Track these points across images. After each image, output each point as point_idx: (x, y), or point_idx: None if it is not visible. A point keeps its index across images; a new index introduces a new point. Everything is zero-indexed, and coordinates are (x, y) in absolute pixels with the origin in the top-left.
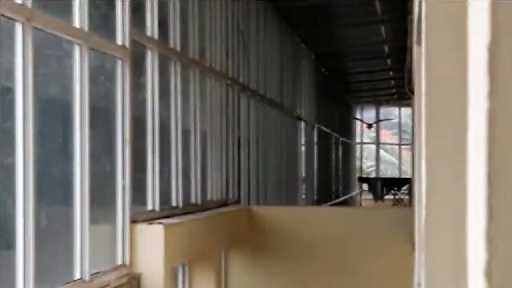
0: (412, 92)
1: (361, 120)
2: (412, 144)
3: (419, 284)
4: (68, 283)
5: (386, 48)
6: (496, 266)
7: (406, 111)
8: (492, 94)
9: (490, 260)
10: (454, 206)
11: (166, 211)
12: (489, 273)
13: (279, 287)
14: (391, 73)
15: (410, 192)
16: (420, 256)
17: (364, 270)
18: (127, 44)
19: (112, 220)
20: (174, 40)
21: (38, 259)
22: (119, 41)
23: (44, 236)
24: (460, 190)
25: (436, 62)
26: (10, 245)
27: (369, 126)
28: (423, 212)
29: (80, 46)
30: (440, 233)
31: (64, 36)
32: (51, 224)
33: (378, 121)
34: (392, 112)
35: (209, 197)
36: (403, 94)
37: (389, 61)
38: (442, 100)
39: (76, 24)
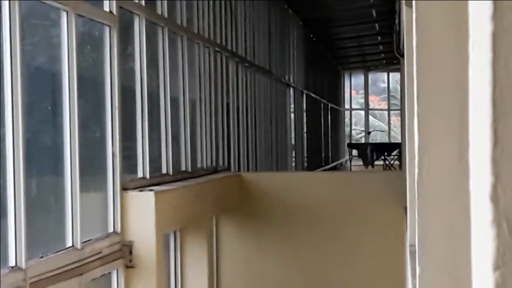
0: (401, 55)
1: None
2: (401, 109)
3: (412, 245)
4: (60, 251)
5: (373, 13)
6: (501, 189)
7: (394, 76)
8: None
9: (495, 183)
10: (447, 161)
11: (157, 179)
12: (495, 197)
13: (270, 252)
14: (379, 38)
15: (400, 157)
16: (412, 217)
17: (356, 234)
18: (114, 10)
19: (102, 188)
20: (162, 6)
21: (29, 228)
22: (106, 8)
23: (35, 205)
24: (455, 141)
25: (428, 21)
26: (1, 215)
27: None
28: (415, 170)
29: (68, 12)
30: (433, 190)
31: (51, 2)
32: (41, 193)
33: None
34: (380, 77)
35: (199, 164)
36: (391, 59)
37: (377, 25)
38: (434, 58)
39: None
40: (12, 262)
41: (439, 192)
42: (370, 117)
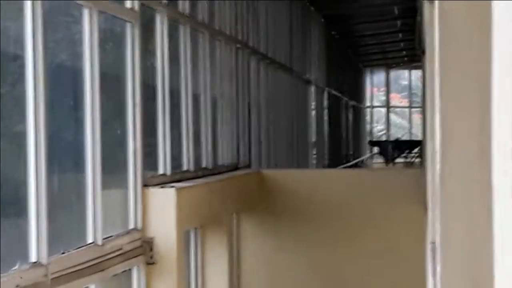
0: (423, 52)
1: None
2: (422, 106)
3: (433, 242)
4: (81, 247)
5: (395, 10)
6: None
7: (416, 73)
8: None
9: None
10: (468, 157)
11: (178, 175)
12: None
13: (291, 250)
14: (400, 35)
15: (421, 154)
16: (433, 214)
17: (377, 231)
18: (136, 7)
19: (124, 184)
20: (183, 3)
21: (51, 224)
22: (128, 4)
23: (56, 202)
24: (477, 137)
25: (450, 17)
26: (23, 211)
27: None
28: (437, 166)
29: (90, 9)
30: (454, 186)
31: None
32: (63, 190)
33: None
34: (401, 75)
35: (220, 161)
36: (413, 57)
37: (398, 22)
38: (456, 54)
39: None
40: (33, 258)
41: (460, 189)
42: (392, 115)
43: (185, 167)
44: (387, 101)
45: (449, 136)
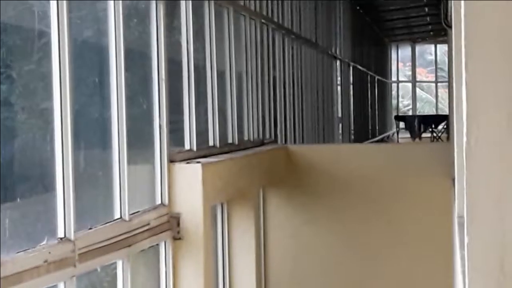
0: (449, 26)
1: None
2: (448, 81)
3: (461, 216)
4: (108, 222)
5: None
6: None
7: (442, 48)
8: None
9: None
10: (495, 129)
11: (204, 151)
12: None
13: (317, 224)
14: (426, 9)
15: (448, 129)
16: (460, 187)
17: (403, 206)
18: None
19: (150, 160)
20: None
21: (78, 200)
22: None
23: (83, 178)
24: (503, 108)
25: None
26: (50, 187)
27: None
28: (463, 139)
29: None
30: (481, 158)
31: None
32: (90, 166)
33: None
34: (427, 49)
35: (246, 137)
36: (439, 31)
37: None
38: (482, 26)
39: None
40: (61, 234)
41: (487, 160)
42: (418, 89)
43: (211, 143)
44: (413, 76)
45: (475, 107)
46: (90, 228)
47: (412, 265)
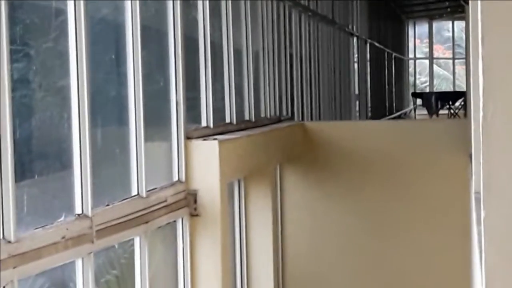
0: (466, 1)
1: None
2: (466, 57)
3: (478, 192)
4: (125, 199)
5: None
6: None
7: (459, 24)
8: None
9: None
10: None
11: (220, 128)
12: None
13: (334, 201)
14: None
15: (465, 105)
16: (477, 163)
17: (420, 182)
18: None
19: (167, 137)
20: None
21: (95, 177)
22: None
23: (100, 155)
24: None
25: None
26: (67, 164)
27: None
28: (480, 114)
29: None
30: (498, 133)
31: None
32: (107, 143)
33: None
34: (445, 26)
35: (262, 114)
36: (456, 7)
37: None
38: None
39: None
40: (78, 210)
41: (504, 135)
42: (435, 66)
43: (227, 120)
44: (430, 53)
45: (492, 82)
46: (108, 205)
47: (429, 241)
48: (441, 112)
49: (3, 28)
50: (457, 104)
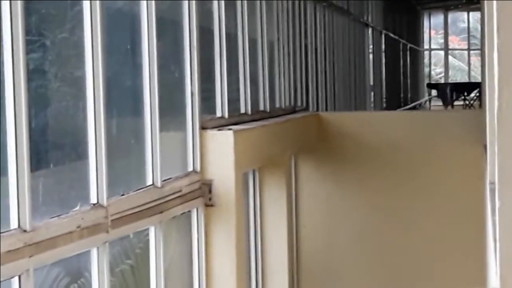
0: None
1: None
2: (481, 48)
3: (492, 183)
4: (140, 189)
5: None
6: None
7: (474, 15)
8: None
9: None
10: None
11: (235, 118)
12: None
13: (349, 191)
14: None
15: (480, 96)
16: (492, 154)
17: (435, 172)
18: None
19: (182, 127)
20: None
21: (110, 167)
22: None
23: (116, 145)
24: None
25: None
26: (83, 154)
27: None
28: (495, 104)
29: None
30: None
31: None
32: (122, 133)
33: None
34: (460, 17)
35: (277, 104)
36: None
37: None
38: None
39: None
40: (93, 200)
41: None
42: (450, 57)
43: (242, 110)
44: (446, 44)
45: (507, 71)
46: (123, 195)
47: (443, 231)
48: (456, 103)
49: (19, 18)
50: (472, 95)
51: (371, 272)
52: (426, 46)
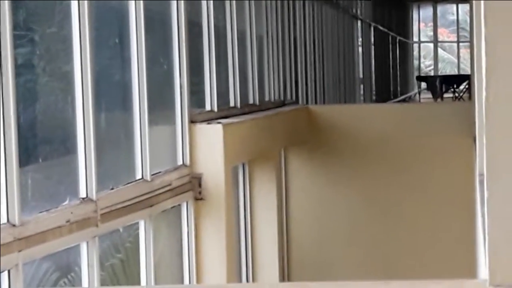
0: None
1: None
2: (470, 40)
3: (481, 174)
4: (130, 183)
5: None
6: None
7: (463, 7)
8: None
9: None
10: None
11: (224, 112)
12: None
13: (340, 184)
14: None
15: (470, 89)
16: (481, 145)
17: (425, 165)
18: None
19: (171, 121)
20: None
21: (99, 161)
22: None
23: (104, 139)
24: None
25: None
26: (72, 149)
27: None
28: (483, 94)
29: None
30: (501, 113)
31: None
32: (111, 127)
33: None
34: (449, 9)
35: (267, 97)
36: None
37: None
38: None
39: None
40: (83, 194)
41: (506, 115)
42: (439, 50)
43: (232, 104)
44: (435, 36)
45: (494, 62)
46: (112, 189)
47: (434, 223)
48: (445, 95)
49: (7, 13)
50: (461, 87)
51: (361, 264)
52: (415, 39)
